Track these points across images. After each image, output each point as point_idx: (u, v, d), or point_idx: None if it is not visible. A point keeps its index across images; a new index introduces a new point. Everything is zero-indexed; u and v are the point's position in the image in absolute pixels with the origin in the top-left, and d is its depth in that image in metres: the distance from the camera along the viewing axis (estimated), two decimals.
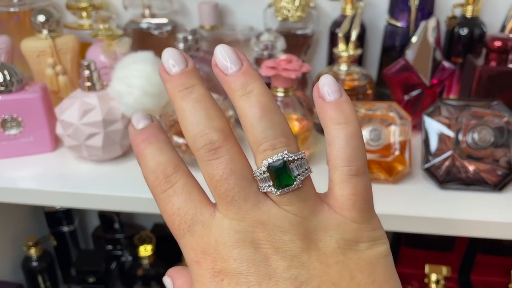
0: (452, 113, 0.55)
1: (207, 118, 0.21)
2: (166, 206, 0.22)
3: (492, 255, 0.81)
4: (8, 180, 0.57)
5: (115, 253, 0.92)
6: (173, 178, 0.22)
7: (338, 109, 0.23)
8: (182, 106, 0.22)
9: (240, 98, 0.22)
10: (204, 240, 0.21)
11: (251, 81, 0.22)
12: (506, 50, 0.60)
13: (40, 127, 0.60)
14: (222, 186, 0.21)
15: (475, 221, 0.50)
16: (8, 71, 0.58)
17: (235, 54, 0.23)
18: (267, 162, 0.21)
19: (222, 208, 0.21)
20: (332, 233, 0.21)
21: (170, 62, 0.23)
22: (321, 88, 0.23)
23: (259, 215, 0.21)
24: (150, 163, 0.23)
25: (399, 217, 0.51)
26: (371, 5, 0.73)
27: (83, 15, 0.74)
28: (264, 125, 0.21)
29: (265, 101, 0.22)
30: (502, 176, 0.53)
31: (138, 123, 0.24)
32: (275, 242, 0.20)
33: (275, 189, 0.21)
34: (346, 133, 0.22)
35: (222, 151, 0.21)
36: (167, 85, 0.23)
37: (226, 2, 0.75)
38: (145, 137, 0.23)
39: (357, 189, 0.22)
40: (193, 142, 0.22)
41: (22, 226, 0.91)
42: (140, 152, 0.23)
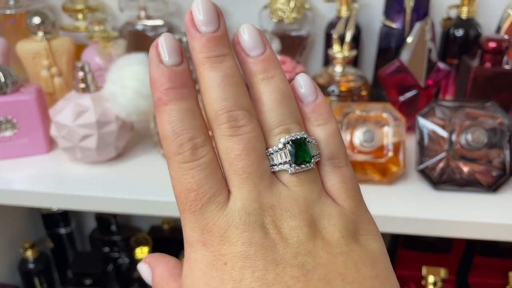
0: (446, 114, 0.55)
1: (236, 96, 0.21)
2: (184, 178, 0.20)
3: (490, 257, 0.81)
4: (3, 182, 0.57)
5: (112, 255, 0.92)
6: (201, 151, 0.20)
7: (316, 111, 0.23)
8: (210, 76, 0.21)
9: (261, 82, 0.22)
10: (215, 221, 0.20)
11: (273, 67, 0.22)
12: (500, 51, 0.60)
13: (35, 129, 0.60)
14: (241, 161, 0.20)
15: (470, 222, 0.50)
16: (3, 73, 0.58)
17: (260, 37, 0.22)
18: (285, 138, 0.21)
19: (235, 185, 0.21)
20: (336, 221, 0.21)
21: (202, 17, 0.21)
22: (297, 89, 0.23)
23: (271, 197, 0.21)
24: (177, 124, 0.20)
25: (394, 219, 0.51)
26: (366, 7, 0.73)
27: (79, 17, 0.74)
28: (282, 110, 0.22)
29: (285, 88, 0.22)
30: (496, 177, 0.53)
31: (167, 55, 0.21)
32: (283, 227, 0.20)
33: (290, 167, 0.21)
34: (326, 133, 0.23)
35: (246, 129, 0.21)
36: (194, 43, 0.21)
37: (222, 3, 0.75)
38: (177, 86, 0.21)
39: (344, 178, 0.22)
40: (215, 117, 0.21)
41: (18, 228, 0.91)
42: (165, 103, 0.21)
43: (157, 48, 0.21)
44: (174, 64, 0.21)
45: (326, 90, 0.63)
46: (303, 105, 0.23)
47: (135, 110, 0.56)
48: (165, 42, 0.21)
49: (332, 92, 0.63)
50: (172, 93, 0.20)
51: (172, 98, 0.20)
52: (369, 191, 0.54)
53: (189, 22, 0.21)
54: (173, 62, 0.21)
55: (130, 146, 0.63)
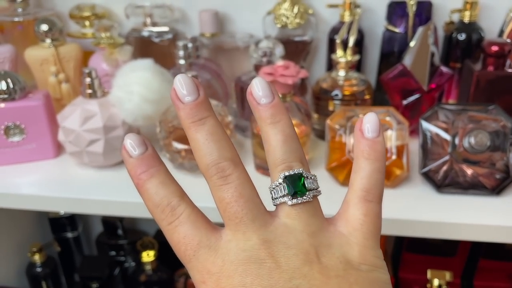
0: (449, 118, 0.55)
1: (219, 149, 0.24)
2: (173, 236, 0.23)
3: (495, 260, 0.81)
4: (12, 186, 0.58)
5: (118, 259, 0.92)
6: (178, 210, 0.23)
7: (372, 146, 0.25)
8: (196, 137, 0.24)
9: (268, 125, 0.25)
10: (210, 261, 0.22)
11: (280, 113, 0.25)
12: (503, 55, 0.60)
13: (43, 134, 0.61)
14: (231, 208, 0.23)
15: (474, 225, 0.51)
16: (12, 79, 0.59)
17: (269, 88, 0.25)
18: (283, 174, 0.24)
19: (230, 229, 0.23)
20: (335, 251, 0.23)
21: (184, 91, 0.24)
22: (364, 124, 0.26)
23: (266, 234, 0.23)
24: (154, 198, 0.24)
25: (398, 221, 0.51)
26: (369, 12, 0.73)
27: (86, 24, 0.76)
28: (285, 149, 0.24)
29: (289, 131, 0.25)
30: (500, 180, 0.53)
31: (133, 150, 0.25)
32: (279, 257, 0.22)
33: (288, 199, 0.23)
34: (372, 168, 0.25)
35: (232, 178, 0.23)
36: (180, 113, 0.24)
37: (226, 10, 0.76)
38: (145, 169, 0.24)
39: (369, 212, 0.24)
40: (206, 171, 0.24)
41: (26, 232, 0.92)
42: (141, 185, 0.24)
43: (125, 148, 0.25)
44: (140, 154, 0.24)
45: (329, 94, 0.64)
46: (363, 138, 0.26)
47: (141, 115, 0.57)
48: (131, 140, 0.24)
49: (336, 96, 0.63)
50: (144, 176, 0.24)
51: (144, 180, 0.24)
52: None
53: (174, 96, 0.24)
54: (139, 153, 0.24)
55: None
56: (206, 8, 0.75)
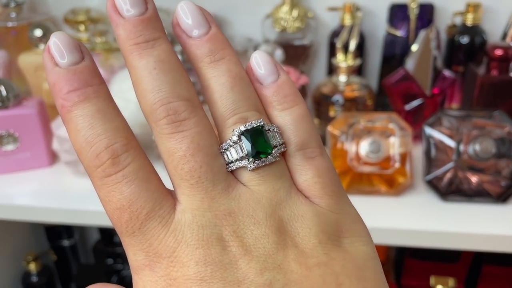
0: (453, 124, 0.54)
1: (172, 84, 0.18)
2: (111, 195, 0.17)
3: (499, 266, 0.79)
4: (5, 197, 0.56)
5: (115, 267, 0.91)
6: (123, 158, 0.17)
7: (279, 93, 0.19)
8: (139, 65, 0.18)
9: (208, 66, 0.19)
10: (160, 240, 0.17)
11: (221, 47, 0.19)
12: (507, 59, 0.59)
13: (37, 142, 0.60)
14: (186, 164, 0.17)
15: (479, 234, 0.49)
16: (5, 87, 0.58)
17: (202, 14, 0.19)
18: (239, 129, 0.18)
19: (183, 193, 0.18)
20: (311, 224, 0.18)
21: (125, 2, 0.18)
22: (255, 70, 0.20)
23: (228, 203, 0.17)
24: (87, 131, 0.17)
25: (401, 231, 0.50)
26: (370, 15, 0.72)
27: (80, 29, 0.74)
28: (235, 96, 0.18)
29: (237, 71, 0.19)
30: (505, 187, 0.52)
31: (62, 56, 0.18)
32: (246, 237, 0.17)
33: (248, 162, 0.18)
34: (294, 117, 0.19)
35: (189, 124, 0.17)
36: (119, 31, 0.18)
37: (224, 13, 0.75)
38: (77, 87, 0.17)
39: (319, 170, 0.19)
40: (151, 111, 0.18)
41: (21, 241, 0.90)
42: (68, 110, 0.17)
43: (49, 51, 0.18)
44: (72, 63, 0.18)
45: (330, 99, 0.62)
46: (263, 88, 0.20)
47: (137, 123, 0.56)
48: (58, 41, 0.18)
49: (337, 101, 0.62)
50: (74, 96, 0.17)
51: (75, 102, 0.17)
52: (376, 202, 0.54)
53: (111, 9, 0.18)
54: (70, 62, 0.18)
55: None
56: None
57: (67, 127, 0.18)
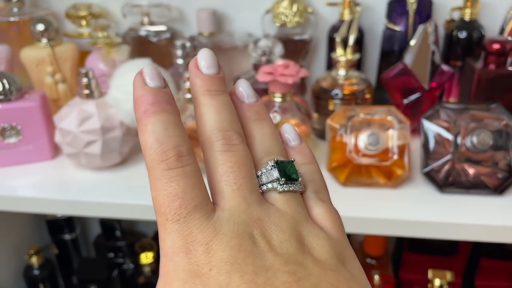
0: (451, 117, 0.54)
1: (232, 120, 0.22)
2: (168, 185, 0.20)
3: (496, 260, 0.80)
4: (8, 189, 0.57)
5: (116, 261, 0.92)
6: (186, 159, 0.20)
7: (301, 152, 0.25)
8: (210, 102, 0.22)
9: (253, 121, 0.24)
10: (201, 229, 0.19)
11: (265, 113, 0.25)
12: (504, 53, 0.60)
13: (39, 135, 0.60)
14: (232, 173, 0.21)
15: (476, 225, 0.50)
16: (8, 80, 0.58)
17: (253, 90, 0.25)
18: (274, 160, 0.22)
19: (225, 197, 0.21)
20: (323, 242, 0.21)
21: (204, 63, 0.23)
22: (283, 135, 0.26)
23: (260, 211, 0.21)
24: (161, 133, 0.21)
25: (399, 222, 0.51)
26: (369, 10, 0.73)
27: (82, 24, 0.75)
28: (271, 143, 0.24)
29: (274, 130, 0.24)
30: (502, 179, 0.53)
31: (151, 79, 0.22)
32: (272, 239, 0.20)
33: (278, 184, 0.22)
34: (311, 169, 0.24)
35: (238, 148, 0.22)
36: (197, 80, 0.23)
37: (224, 9, 0.76)
38: (159, 101, 0.21)
39: (330, 210, 0.23)
40: (209, 135, 0.22)
41: (23, 235, 0.91)
42: (148, 116, 0.21)
43: (142, 74, 0.22)
44: (158, 87, 0.22)
45: (329, 93, 0.63)
46: (288, 147, 0.25)
47: None
48: (149, 69, 0.22)
49: (336, 95, 0.63)
50: (157, 106, 0.21)
51: (156, 110, 0.21)
52: (375, 194, 0.54)
53: (193, 66, 0.23)
54: (156, 85, 0.22)
55: (134, 151, 0.63)
56: (204, 7, 0.74)
57: (142, 129, 0.21)
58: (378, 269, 0.80)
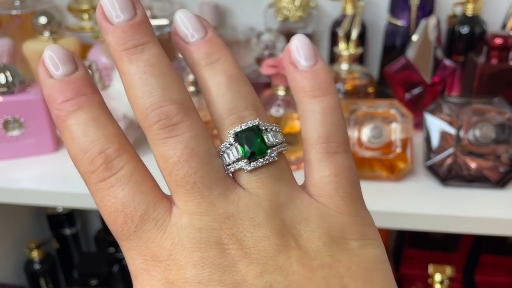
0: (454, 110, 0.55)
1: (163, 87, 0.17)
2: (105, 199, 0.17)
3: (497, 255, 0.80)
4: (11, 181, 0.57)
5: (117, 256, 0.92)
6: (116, 162, 0.17)
7: (313, 78, 0.19)
8: (130, 70, 0.18)
9: (204, 68, 0.19)
10: (156, 242, 0.17)
11: (217, 49, 0.19)
12: (506, 48, 0.60)
13: (42, 128, 0.60)
14: (180, 169, 0.17)
15: (478, 218, 0.50)
16: (11, 72, 0.58)
17: (198, 21, 0.19)
18: (234, 130, 0.18)
19: (180, 199, 0.17)
20: (315, 226, 0.18)
21: (113, 6, 0.18)
22: (293, 52, 0.20)
23: (227, 206, 0.17)
24: (81, 139, 0.17)
25: (402, 215, 0.51)
26: (372, 4, 0.73)
27: (84, 17, 0.75)
28: (230, 96, 0.18)
29: (233, 71, 0.19)
30: (504, 173, 0.53)
31: (57, 67, 0.18)
32: (245, 240, 0.17)
33: (245, 163, 0.18)
34: (323, 107, 0.19)
35: (181, 128, 0.17)
36: (109, 38, 0.18)
37: (227, 3, 0.76)
38: (71, 97, 0.18)
39: (338, 169, 0.19)
40: (143, 117, 0.17)
41: (24, 229, 0.91)
42: (63, 120, 0.18)
43: (43, 63, 0.18)
44: (66, 74, 0.18)
45: None
46: (297, 72, 0.20)
47: None
48: (52, 54, 0.18)
49: (338, 90, 0.63)
50: (68, 106, 0.17)
51: (69, 111, 0.17)
52: (377, 188, 0.55)
53: (101, 16, 0.18)
54: (63, 73, 0.18)
55: (137, 144, 0.63)
56: (206, 1, 0.74)
57: (62, 136, 0.18)
58: None
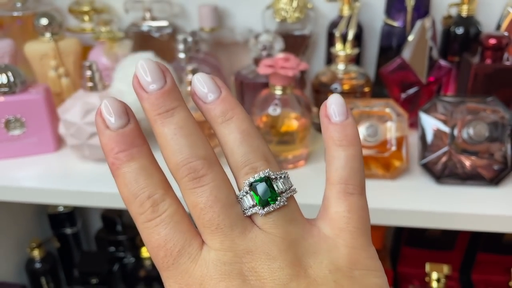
0: (448, 110, 0.56)
1: (190, 146, 0.20)
2: (151, 236, 0.20)
3: (493, 254, 0.81)
4: (12, 180, 0.58)
5: (117, 255, 0.92)
6: (161, 206, 0.20)
7: (342, 131, 0.23)
8: (163, 132, 0.21)
9: (220, 125, 0.22)
10: (189, 273, 0.20)
11: (231, 107, 0.22)
12: (501, 48, 0.61)
13: (43, 127, 0.61)
14: (206, 214, 0.20)
15: (472, 214, 0.51)
16: (12, 73, 0.59)
17: (213, 82, 0.22)
18: (248, 181, 0.21)
19: (207, 238, 0.20)
20: (323, 258, 0.21)
21: (148, 78, 0.21)
22: (328, 108, 0.23)
23: (246, 243, 0.20)
24: (133, 186, 0.20)
25: (397, 212, 0.52)
26: (368, 6, 0.74)
27: (85, 19, 0.76)
28: (244, 150, 0.21)
29: (245, 127, 0.22)
30: (498, 171, 0.54)
31: (111, 119, 0.21)
32: (263, 271, 0.20)
33: (259, 208, 0.21)
34: (347, 154, 0.22)
35: (206, 179, 0.20)
36: (144, 104, 0.21)
37: (225, 4, 0.77)
38: (125, 148, 0.21)
39: (352, 207, 0.22)
40: (176, 171, 0.21)
41: (25, 228, 0.92)
42: (117, 168, 0.21)
43: (101, 114, 0.21)
44: (120, 127, 0.21)
45: (329, 87, 0.64)
46: (330, 124, 0.23)
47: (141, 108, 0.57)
48: (109, 106, 0.21)
49: (335, 89, 0.64)
50: (122, 156, 0.20)
51: (123, 161, 0.20)
52: (373, 186, 0.55)
53: (137, 85, 0.21)
54: (118, 125, 0.21)
55: None
56: (205, 3, 0.75)
57: (116, 181, 0.21)
58: None
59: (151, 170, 0.21)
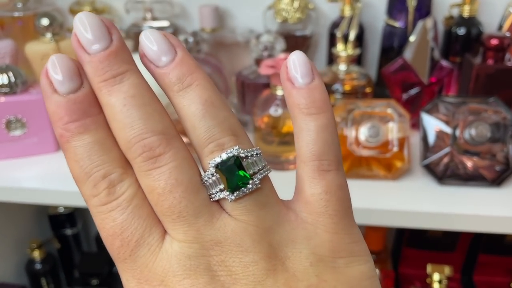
0: (450, 110, 0.55)
1: (145, 118, 0.17)
2: (105, 223, 0.17)
3: (495, 255, 0.81)
4: (13, 180, 0.58)
5: None
6: (118, 188, 0.17)
7: (309, 96, 0.19)
8: (110, 102, 0.17)
9: (177, 94, 0.18)
10: (149, 268, 0.17)
11: (189, 72, 0.18)
12: (502, 48, 0.60)
13: (44, 128, 0.61)
14: (165, 201, 0.17)
15: (474, 215, 0.51)
16: (13, 73, 0.59)
17: (166, 40, 0.18)
18: (214, 161, 0.18)
19: (168, 227, 0.17)
20: (302, 247, 0.18)
21: (88, 34, 0.17)
22: (290, 68, 0.19)
23: (214, 233, 0.17)
24: (85, 162, 0.17)
25: (399, 213, 0.52)
26: (369, 6, 0.74)
27: None
28: (207, 123, 0.18)
29: (208, 95, 0.18)
30: (500, 172, 0.54)
31: (61, 84, 0.17)
32: (234, 266, 0.17)
33: (228, 193, 0.18)
34: (317, 125, 0.19)
35: (164, 159, 0.17)
36: (87, 69, 0.17)
37: (226, 5, 0.76)
38: (77, 118, 0.17)
39: (329, 186, 0.19)
40: (127, 150, 0.17)
41: (25, 229, 0.91)
42: (67, 140, 0.17)
43: (47, 75, 0.17)
44: (71, 91, 0.17)
45: (330, 88, 0.64)
46: (294, 88, 0.19)
47: None
48: (57, 64, 0.17)
49: (337, 90, 0.64)
50: (73, 128, 0.17)
51: (74, 133, 0.17)
52: (374, 186, 0.55)
53: (76, 45, 0.17)
54: (68, 89, 0.17)
55: None
56: (206, 3, 0.75)
57: (65, 155, 0.18)
58: (377, 264, 0.81)
59: (108, 144, 0.17)
